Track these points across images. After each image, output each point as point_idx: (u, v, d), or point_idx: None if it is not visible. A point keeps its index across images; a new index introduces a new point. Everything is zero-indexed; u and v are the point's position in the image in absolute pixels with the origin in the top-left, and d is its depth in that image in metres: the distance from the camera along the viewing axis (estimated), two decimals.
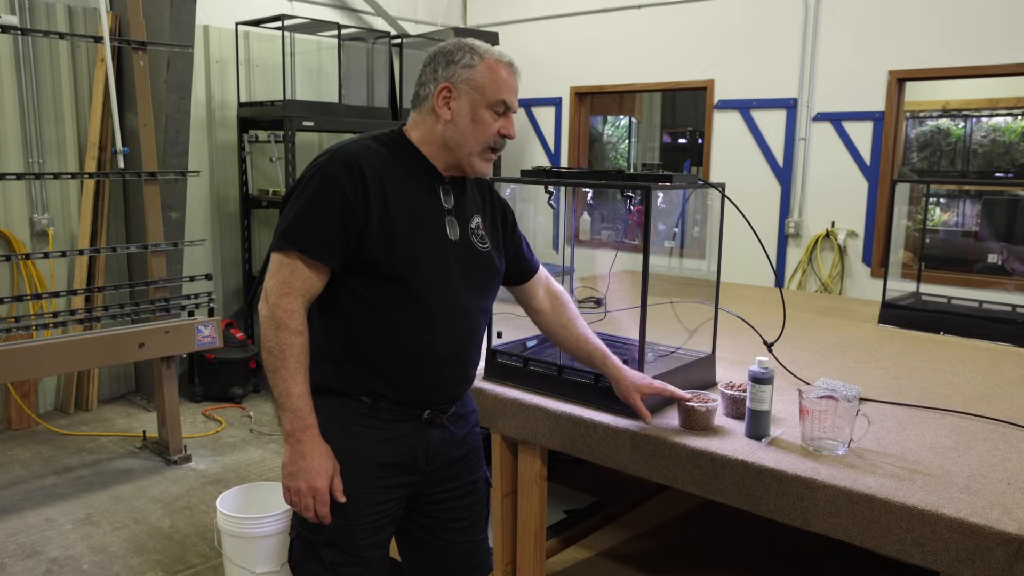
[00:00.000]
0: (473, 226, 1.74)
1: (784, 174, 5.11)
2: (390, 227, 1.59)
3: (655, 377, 1.96)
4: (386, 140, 1.69)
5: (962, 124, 6.29)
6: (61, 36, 4.02)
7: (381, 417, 1.66)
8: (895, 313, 3.09)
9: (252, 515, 2.57)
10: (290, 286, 1.56)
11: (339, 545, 1.65)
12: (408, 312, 1.62)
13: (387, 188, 1.60)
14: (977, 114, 6.19)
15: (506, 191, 2.65)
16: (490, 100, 1.65)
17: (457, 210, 1.71)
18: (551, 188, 2.22)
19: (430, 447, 1.71)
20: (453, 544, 1.83)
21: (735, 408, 1.93)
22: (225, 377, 4.86)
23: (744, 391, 1.91)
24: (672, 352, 2.18)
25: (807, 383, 2.19)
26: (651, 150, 8.11)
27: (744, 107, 5.25)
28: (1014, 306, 2.96)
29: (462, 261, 1.69)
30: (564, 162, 6.23)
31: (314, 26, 5.24)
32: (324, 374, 1.64)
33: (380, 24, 6.08)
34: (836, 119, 4.88)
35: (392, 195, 1.61)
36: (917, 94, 5.90)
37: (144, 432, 4.24)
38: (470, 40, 1.69)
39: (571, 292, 2.72)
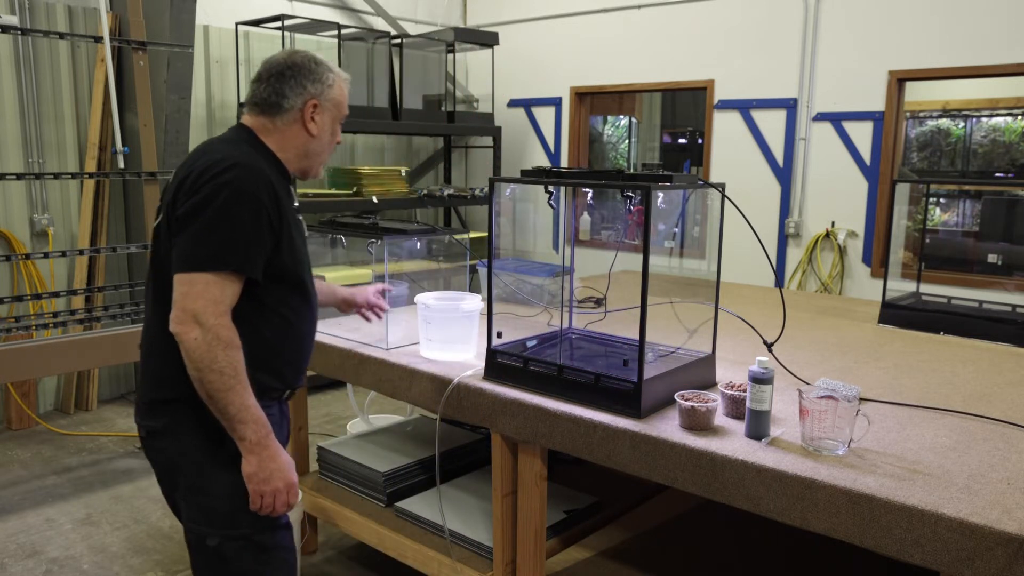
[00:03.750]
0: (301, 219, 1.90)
1: (784, 174, 5.11)
2: (291, 234, 1.72)
3: (655, 378, 1.97)
4: (255, 145, 1.75)
5: (962, 124, 6.29)
6: (61, 36, 4.02)
7: (265, 404, 1.74)
8: (895, 313, 3.09)
9: None
10: (224, 305, 1.59)
11: (272, 524, 1.75)
12: (299, 309, 1.79)
13: (281, 197, 1.71)
14: (977, 114, 6.20)
15: (506, 191, 2.66)
16: (342, 115, 1.85)
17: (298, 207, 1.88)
18: (551, 188, 2.22)
19: (285, 424, 1.90)
20: None
21: (735, 408, 1.93)
22: None
23: (744, 391, 1.91)
24: (672, 352, 2.18)
25: (807, 383, 2.19)
26: (651, 150, 8.11)
27: (744, 107, 5.25)
28: (1014, 306, 2.96)
29: (309, 254, 1.88)
30: (564, 162, 6.23)
31: (314, 26, 5.24)
32: None
33: (380, 24, 6.08)
34: (836, 119, 4.88)
35: (283, 202, 1.71)
36: (917, 94, 5.90)
37: None
38: (319, 56, 1.80)
39: (571, 292, 2.73)
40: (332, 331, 2.77)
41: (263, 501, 1.65)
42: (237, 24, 5.12)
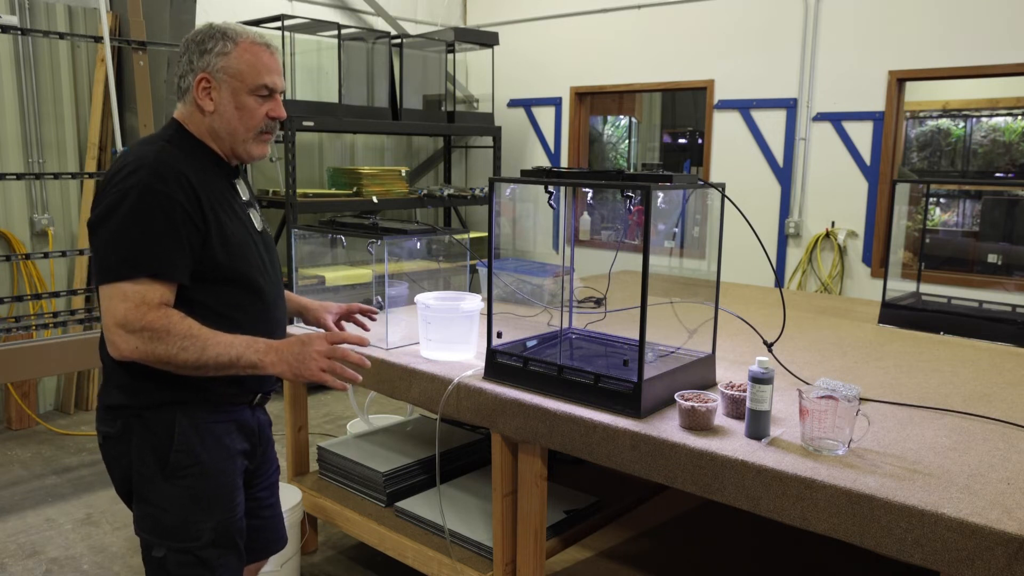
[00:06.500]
0: (259, 211, 1.81)
1: (784, 174, 5.11)
2: (223, 229, 1.61)
3: (655, 378, 1.97)
4: (176, 141, 1.65)
5: (962, 124, 6.29)
6: (61, 36, 4.02)
7: (226, 410, 1.70)
8: (895, 313, 3.09)
9: None
10: (148, 306, 1.50)
11: (219, 542, 1.68)
12: (249, 309, 1.68)
13: (207, 191, 1.60)
14: (977, 114, 6.19)
15: (506, 191, 2.65)
16: (251, 86, 1.65)
17: (251, 200, 1.78)
18: (551, 188, 2.22)
19: (261, 429, 1.81)
20: (268, 520, 1.92)
21: (735, 408, 1.93)
22: None
23: (744, 391, 1.91)
24: (672, 352, 2.18)
25: (807, 383, 2.19)
26: (651, 150, 8.11)
27: (744, 107, 5.25)
28: (1014, 306, 2.96)
29: (267, 248, 1.77)
30: (564, 162, 6.23)
31: (314, 26, 5.24)
32: (173, 387, 1.62)
33: (380, 24, 6.08)
34: (836, 119, 4.88)
35: (212, 196, 1.61)
36: (917, 94, 5.90)
37: None
38: (222, 24, 1.66)
39: (571, 292, 2.73)
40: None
41: (328, 376, 1.57)
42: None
